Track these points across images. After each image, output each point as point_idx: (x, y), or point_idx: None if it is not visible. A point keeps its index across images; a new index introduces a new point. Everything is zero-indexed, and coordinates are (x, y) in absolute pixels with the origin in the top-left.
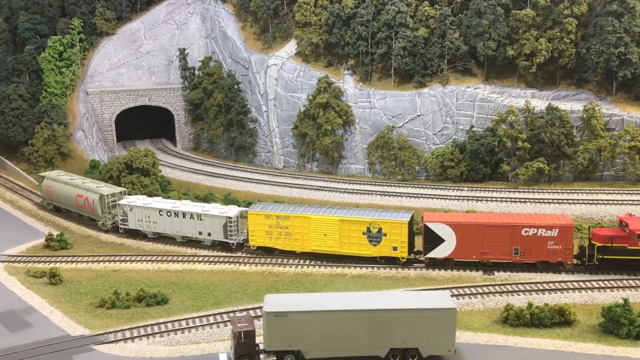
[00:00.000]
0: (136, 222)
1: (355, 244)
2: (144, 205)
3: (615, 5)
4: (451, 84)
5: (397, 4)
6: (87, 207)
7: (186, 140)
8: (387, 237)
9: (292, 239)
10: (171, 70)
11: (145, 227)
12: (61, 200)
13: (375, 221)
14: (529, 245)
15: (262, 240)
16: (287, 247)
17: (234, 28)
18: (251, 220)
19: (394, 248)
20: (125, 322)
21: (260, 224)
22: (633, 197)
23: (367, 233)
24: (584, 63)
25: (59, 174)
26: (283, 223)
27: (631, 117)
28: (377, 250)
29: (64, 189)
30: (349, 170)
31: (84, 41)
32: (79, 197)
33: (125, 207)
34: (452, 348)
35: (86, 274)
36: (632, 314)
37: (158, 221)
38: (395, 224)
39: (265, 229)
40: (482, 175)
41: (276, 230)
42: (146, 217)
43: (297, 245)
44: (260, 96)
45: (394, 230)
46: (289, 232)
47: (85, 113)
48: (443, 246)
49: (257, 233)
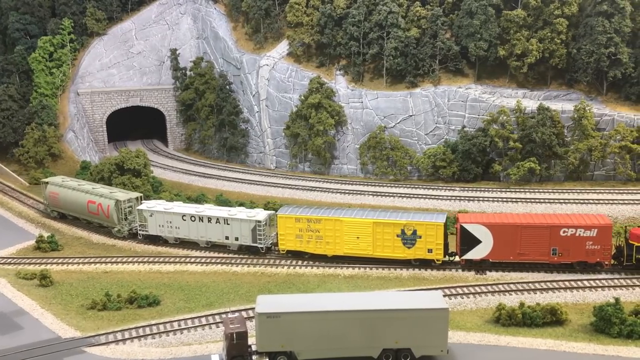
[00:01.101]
0: (157, 228)
1: (389, 246)
2: (165, 210)
3: (606, 6)
4: (443, 84)
5: (389, 5)
6: (100, 213)
7: (178, 141)
8: (422, 239)
9: (324, 243)
10: (162, 70)
11: (167, 232)
12: (69, 207)
13: (410, 223)
14: (567, 245)
15: (292, 244)
16: (318, 251)
17: (226, 28)
18: (281, 224)
19: (429, 250)
20: (116, 324)
21: (291, 227)
22: (624, 197)
23: (401, 235)
24: (575, 63)
25: (64, 179)
26: (314, 226)
27: (621, 117)
28: (412, 253)
29: (73, 196)
30: (341, 170)
31: (75, 41)
32: (91, 204)
33: (145, 213)
34: (444, 348)
35: (77, 276)
36: (623, 313)
37: (181, 226)
38: (431, 226)
39: (295, 232)
40: (473, 175)
41: (307, 233)
42: (168, 222)
43: (328, 249)
44: (252, 97)
45: (429, 232)
46: (320, 236)
47: (76, 114)
48: (479, 247)
49: (287, 237)
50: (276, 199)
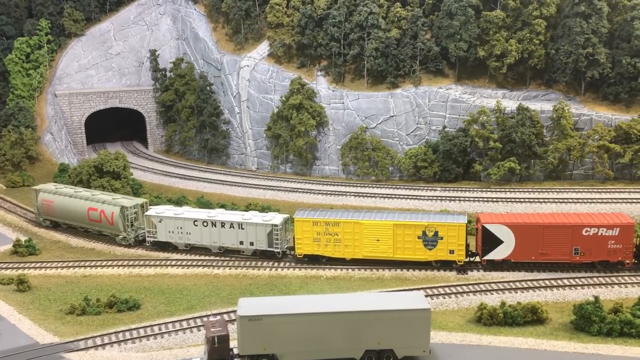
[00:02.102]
0: (166, 234)
1: (410, 248)
2: (175, 216)
3: (583, 7)
4: (423, 84)
5: (369, 5)
6: (103, 221)
7: (158, 143)
8: (444, 241)
9: (342, 246)
10: (142, 71)
11: (177, 238)
12: (66, 216)
13: (432, 224)
14: (590, 245)
15: (309, 247)
16: (337, 254)
17: (206, 29)
18: (298, 228)
19: (450, 251)
20: (96, 328)
21: (308, 231)
22: (602, 196)
23: (422, 237)
24: (553, 64)
25: (57, 186)
26: (332, 229)
27: (599, 117)
28: (433, 254)
29: (70, 203)
30: (323, 171)
31: (52, 42)
32: (92, 211)
33: (153, 219)
34: (426, 348)
35: (55, 280)
36: (602, 311)
37: (192, 232)
38: (453, 227)
39: (313, 236)
40: (454, 175)
41: (325, 237)
42: (178, 228)
43: (347, 252)
44: (232, 98)
45: (451, 233)
46: (338, 239)
47: (53, 115)
48: (501, 248)
49: (305, 241)
50: (258, 201)
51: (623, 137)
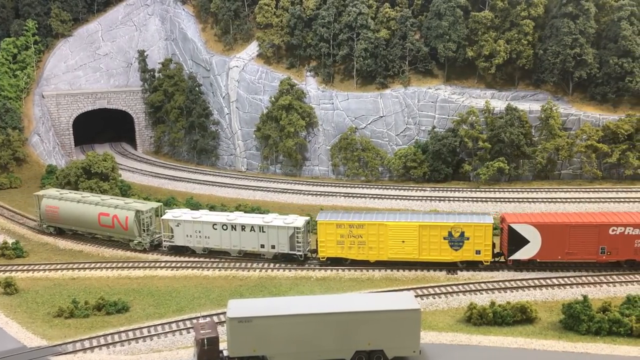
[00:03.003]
0: (184, 238)
1: (436, 249)
2: (194, 220)
3: (571, 7)
4: (413, 85)
5: (358, 6)
6: (116, 226)
7: (147, 144)
8: (470, 241)
9: (367, 248)
10: (130, 72)
11: (195, 242)
12: (73, 222)
13: (458, 225)
14: (616, 244)
15: (333, 250)
16: (361, 257)
17: (194, 29)
18: (321, 230)
19: (476, 252)
20: (84, 331)
21: (332, 233)
22: (590, 195)
23: (448, 237)
24: (541, 64)
25: (61, 192)
26: (356, 232)
27: (587, 117)
28: (459, 255)
29: (79, 209)
30: (313, 172)
31: (39, 43)
32: (104, 216)
33: (170, 222)
34: (417, 349)
35: (43, 283)
36: (591, 310)
37: (211, 236)
38: (479, 227)
39: (336, 238)
40: (444, 175)
41: (349, 239)
42: (197, 232)
43: (371, 254)
44: (222, 98)
45: (477, 234)
46: (362, 241)
47: (41, 117)
48: (527, 247)
49: (328, 243)
50: (247, 202)
51: (610, 136)
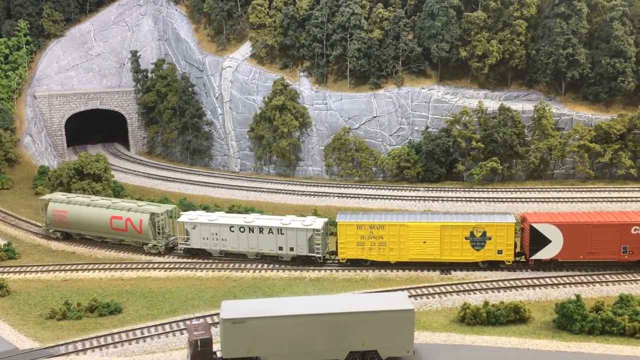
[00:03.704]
0: (201, 241)
1: (457, 249)
2: (210, 222)
3: (563, 8)
4: (406, 85)
5: (352, 6)
6: (130, 229)
7: (140, 144)
8: (492, 241)
9: (387, 249)
10: (123, 72)
11: (212, 245)
12: (83, 226)
13: (480, 225)
14: (638, 243)
15: (353, 252)
16: (381, 258)
17: (187, 30)
18: (341, 232)
19: (498, 251)
20: (76, 333)
21: (352, 234)
22: (583, 195)
23: (469, 238)
24: (534, 64)
25: (68, 195)
26: (377, 232)
27: (580, 117)
28: (481, 255)
29: (89, 212)
30: (306, 172)
31: (31, 43)
32: (116, 220)
33: (186, 225)
34: (410, 349)
35: (35, 285)
36: (584, 310)
37: (228, 238)
38: (501, 227)
39: (357, 240)
40: (437, 175)
41: (369, 240)
42: (213, 234)
43: (392, 255)
44: (215, 99)
45: (499, 233)
46: (383, 242)
47: (33, 117)
48: (549, 247)
49: (348, 245)
50: (241, 202)
51: (603, 136)
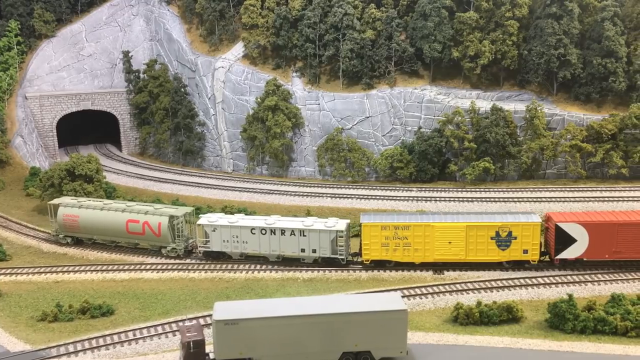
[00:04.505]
0: (221, 244)
1: (483, 249)
2: (231, 224)
3: (555, 8)
4: (398, 85)
5: (344, 6)
6: (147, 233)
7: (132, 145)
8: (518, 240)
9: (412, 250)
10: (115, 73)
11: (232, 248)
12: (97, 231)
13: (505, 224)
14: None
15: (377, 253)
16: (406, 259)
17: (180, 30)
18: (365, 233)
19: (524, 251)
20: (68, 335)
21: (376, 235)
22: (575, 194)
23: (495, 237)
24: (526, 64)
25: (79, 200)
26: (402, 233)
27: (571, 117)
28: (506, 255)
29: (103, 217)
30: (299, 172)
31: (22, 44)
32: (133, 223)
33: (206, 228)
34: (404, 349)
35: (26, 287)
36: (576, 309)
37: (249, 240)
38: (527, 226)
39: (381, 240)
40: (430, 175)
41: (394, 241)
42: (234, 237)
43: (417, 256)
44: (207, 99)
45: (525, 233)
46: (408, 243)
47: (24, 118)
48: (575, 246)
49: (372, 246)
50: (234, 203)
51: (594, 136)
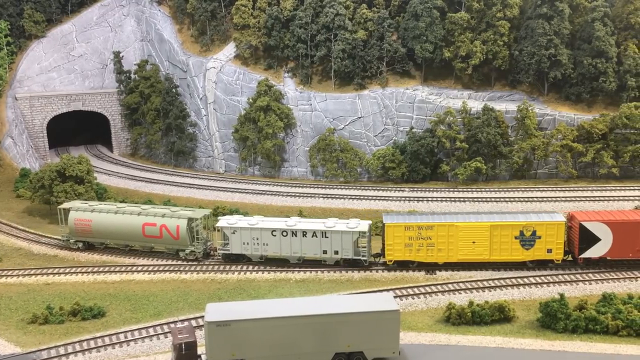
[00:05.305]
0: (241, 246)
1: (507, 249)
2: (251, 226)
3: (545, 9)
4: (390, 85)
5: (336, 7)
6: (165, 236)
7: (123, 146)
8: (542, 240)
9: (435, 250)
10: (106, 74)
11: (253, 250)
12: (110, 234)
13: (530, 224)
14: None
15: (400, 253)
16: (429, 259)
17: (171, 30)
18: (389, 233)
19: (548, 250)
20: (59, 338)
21: (399, 236)
22: (566, 194)
23: (519, 237)
24: (517, 65)
25: (91, 203)
26: (426, 233)
27: (562, 117)
28: (530, 254)
29: (118, 220)
30: (291, 173)
31: (12, 44)
32: (150, 227)
33: (226, 230)
34: (396, 350)
35: (17, 289)
36: (568, 309)
37: (270, 243)
38: (552, 225)
39: (404, 241)
40: (422, 175)
41: (417, 241)
42: (254, 239)
43: (440, 256)
44: (199, 100)
45: (549, 232)
46: (431, 243)
47: (14, 119)
48: (598, 245)
49: (396, 246)
50: (226, 204)
51: (585, 136)
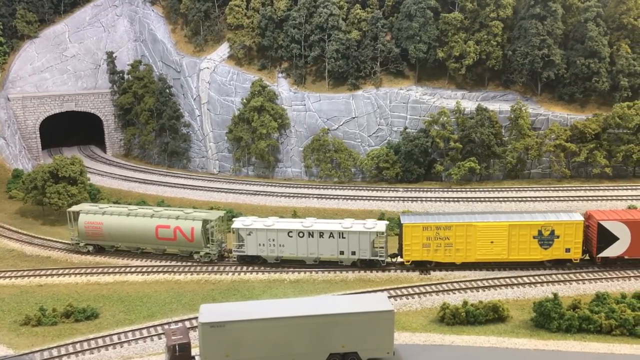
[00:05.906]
0: (256, 248)
1: (525, 249)
2: (267, 228)
3: (539, 9)
4: (384, 86)
5: (329, 7)
6: (179, 238)
7: (116, 147)
8: (560, 239)
9: (453, 250)
10: (99, 74)
11: (269, 251)
12: (122, 237)
13: (548, 223)
14: None
15: (418, 254)
16: (447, 259)
17: (164, 31)
18: (407, 233)
19: (566, 250)
20: (52, 339)
21: (417, 236)
22: (559, 194)
23: (537, 236)
24: (510, 65)
25: (100, 206)
26: (443, 233)
27: (555, 117)
28: (549, 254)
29: (131, 223)
30: (286, 173)
31: (4, 45)
32: (163, 229)
33: (241, 231)
34: (390, 350)
35: (9, 290)
36: (561, 308)
37: (286, 244)
38: (570, 225)
39: (422, 241)
40: (416, 175)
41: (435, 242)
42: (270, 240)
43: (458, 256)
44: (193, 100)
45: (567, 232)
46: (449, 243)
47: (6, 120)
48: (616, 245)
49: (414, 247)
50: (220, 204)
51: (578, 136)
